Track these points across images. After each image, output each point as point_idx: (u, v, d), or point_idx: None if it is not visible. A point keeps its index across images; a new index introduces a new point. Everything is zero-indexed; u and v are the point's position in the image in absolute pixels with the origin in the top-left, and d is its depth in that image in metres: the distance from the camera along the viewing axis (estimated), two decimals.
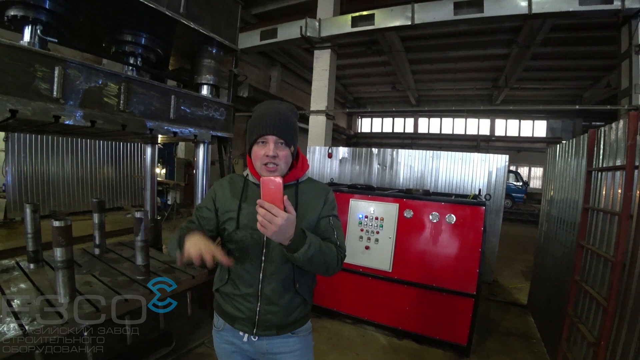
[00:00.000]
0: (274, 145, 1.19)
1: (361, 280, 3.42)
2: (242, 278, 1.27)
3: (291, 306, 1.29)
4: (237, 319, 1.29)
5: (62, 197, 7.73)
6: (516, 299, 4.57)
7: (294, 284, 1.28)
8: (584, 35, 10.63)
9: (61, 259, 2.02)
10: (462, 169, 5.06)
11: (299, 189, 1.30)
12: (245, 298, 1.27)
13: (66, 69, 1.92)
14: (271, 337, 1.28)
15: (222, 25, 2.92)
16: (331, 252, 1.18)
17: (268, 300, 1.25)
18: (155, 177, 3.75)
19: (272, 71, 15.98)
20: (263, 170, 1.22)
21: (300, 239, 1.06)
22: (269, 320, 1.26)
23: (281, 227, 0.98)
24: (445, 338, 3.11)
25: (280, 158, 1.20)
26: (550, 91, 17.01)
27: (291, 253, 1.07)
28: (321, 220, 1.28)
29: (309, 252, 1.07)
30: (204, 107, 2.83)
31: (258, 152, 1.21)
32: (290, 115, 1.25)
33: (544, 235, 4.00)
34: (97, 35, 2.78)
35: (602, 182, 2.42)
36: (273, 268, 1.25)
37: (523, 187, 15.43)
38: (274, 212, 0.97)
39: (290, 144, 1.23)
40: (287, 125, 1.22)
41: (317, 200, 1.30)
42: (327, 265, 1.16)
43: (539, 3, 5.51)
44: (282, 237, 1.02)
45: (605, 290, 2.19)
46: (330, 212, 1.31)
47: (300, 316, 1.33)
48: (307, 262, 1.10)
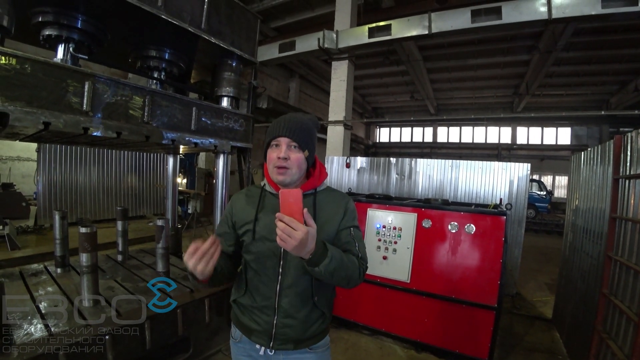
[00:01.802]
0: (285, 147, 1.18)
1: (379, 291, 3.38)
2: (258, 290, 1.24)
3: (309, 320, 1.25)
4: (254, 331, 1.26)
5: (88, 205, 8.03)
6: (541, 313, 4.40)
7: (312, 296, 1.24)
8: (609, 39, 10.32)
9: (86, 264, 2.11)
10: (482, 179, 4.95)
11: (317, 199, 1.26)
12: (262, 310, 1.24)
13: (95, 83, 2.03)
14: (288, 351, 1.24)
15: (241, 39, 3.01)
16: (353, 265, 1.14)
17: (285, 313, 1.22)
18: (176, 187, 3.86)
19: (290, 82, 16.25)
20: (274, 173, 1.20)
21: (322, 253, 1.03)
22: (286, 333, 1.22)
23: (301, 241, 0.94)
24: (466, 352, 3.02)
25: (292, 161, 1.18)
26: (575, 97, 16.52)
27: (312, 267, 1.04)
28: (342, 232, 1.24)
29: (330, 266, 1.04)
30: (224, 118, 2.91)
31: (271, 155, 1.21)
32: (306, 121, 1.24)
33: (569, 246, 3.85)
34: (124, 51, 2.92)
35: (630, 190, 2.33)
36: (290, 280, 1.21)
37: (547, 197, 14.90)
38: (294, 225, 0.94)
39: (303, 147, 1.20)
40: (300, 129, 1.20)
41: (337, 210, 1.26)
42: (349, 278, 1.13)
43: (559, 7, 5.40)
44: (302, 252, 0.98)
45: (636, 304, 2.09)
46: (351, 222, 1.27)
47: (318, 331, 1.28)
48: (328, 276, 1.06)
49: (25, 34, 2.34)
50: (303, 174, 1.26)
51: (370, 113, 22.33)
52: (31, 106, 1.77)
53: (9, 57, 1.68)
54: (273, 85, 14.99)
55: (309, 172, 1.30)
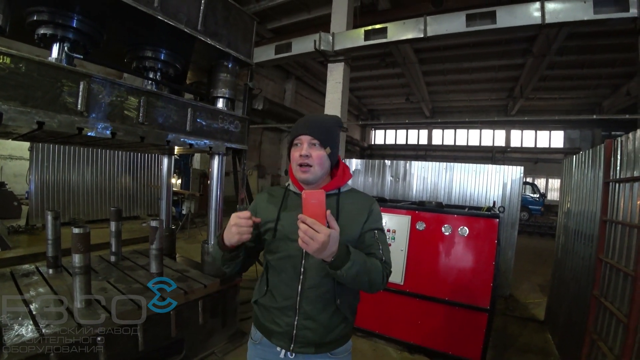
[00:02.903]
0: (307, 145, 1.18)
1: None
2: (279, 290, 1.23)
3: (331, 324, 1.22)
4: (275, 333, 1.23)
5: (81, 206, 7.96)
6: (534, 314, 4.44)
7: (334, 299, 1.20)
8: (601, 43, 10.46)
9: (79, 265, 2.09)
10: (476, 181, 4.99)
11: (340, 199, 1.24)
12: (282, 311, 1.22)
13: (90, 83, 2.02)
14: (309, 355, 1.22)
15: (238, 40, 3.01)
16: (376, 269, 1.12)
17: (306, 314, 1.19)
18: (171, 187, 3.84)
19: (287, 84, 16.28)
20: (298, 172, 1.20)
21: (344, 256, 1.01)
22: (307, 336, 1.20)
23: (323, 244, 0.93)
24: (459, 353, 3.04)
25: (314, 158, 1.17)
26: (568, 100, 16.72)
27: (334, 270, 1.02)
28: (366, 234, 1.21)
29: (353, 269, 1.02)
30: (219, 119, 2.91)
31: (294, 154, 1.21)
32: (327, 120, 1.25)
33: (561, 249, 3.89)
34: (119, 51, 2.91)
35: (620, 193, 2.36)
36: (312, 282, 1.19)
37: (540, 199, 15.04)
38: (316, 228, 0.93)
39: (325, 144, 1.19)
40: (322, 127, 1.20)
41: (361, 211, 1.23)
42: (372, 282, 1.10)
43: (552, 12, 5.47)
44: (324, 254, 0.96)
45: (626, 306, 2.12)
46: (376, 225, 1.24)
47: (340, 335, 1.25)
48: (350, 280, 1.05)
49: (20, 32, 2.32)
50: (326, 173, 1.25)
51: (365, 115, 22.40)
52: (25, 106, 1.76)
53: (3, 56, 1.67)
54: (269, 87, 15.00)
55: (332, 172, 1.29)
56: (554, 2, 5.45)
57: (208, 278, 2.92)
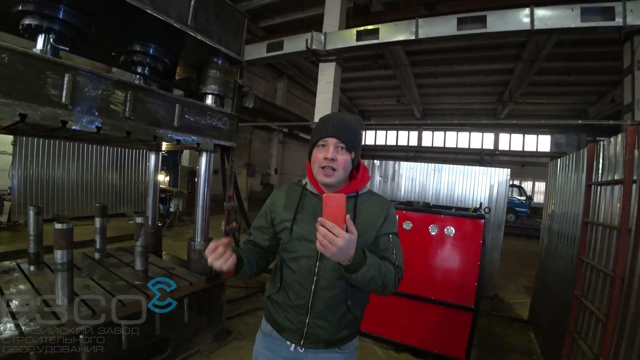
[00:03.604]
0: (333, 148, 1.16)
1: None
2: (293, 289, 1.24)
3: (342, 323, 1.25)
4: (286, 329, 1.26)
5: (66, 202, 7.81)
6: (519, 315, 4.51)
7: (346, 300, 1.23)
8: (589, 51, 10.69)
9: (61, 262, 2.06)
10: (464, 182, 5.06)
11: (358, 202, 1.24)
12: (295, 309, 1.23)
13: (75, 76, 1.98)
14: (318, 350, 1.25)
15: (228, 37, 2.99)
16: (390, 274, 1.13)
17: (318, 314, 1.21)
18: (158, 184, 3.80)
19: (278, 83, 16.23)
20: (320, 174, 1.19)
21: (361, 261, 1.02)
22: (318, 334, 1.23)
23: (342, 248, 0.93)
24: (444, 352, 3.07)
25: (339, 162, 1.16)
26: (556, 106, 17.03)
27: (349, 274, 1.03)
28: (381, 238, 1.23)
29: (368, 274, 1.03)
30: (207, 116, 2.88)
31: (317, 155, 1.19)
32: (354, 122, 1.22)
33: (545, 250, 3.97)
34: (107, 44, 2.86)
35: (601, 196, 2.42)
36: (325, 282, 1.20)
37: (527, 202, 15.32)
38: (336, 232, 0.92)
39: (350, 149, 1.18)
40: (349, 130, 1.18)
41: (378, 215, 1.24)
42: (385, 286, 1.12)
43: (541, 19, 5.57)
44: (341, 258, 0.97)
45: (605, 305, 2.17)
46: (391, 229, 1.25)
47: (350, 333, 1.29)
48: (364, 284, 1.06)
49: (5, 23, 2.26)
50: (347, 176, 1.25)
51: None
52: (8, 97, 1.72)
53: None
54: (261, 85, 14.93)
55: (351, 174, 1.28)
56: (543, 9, 5.56)
57: (194, 276, 2.90)
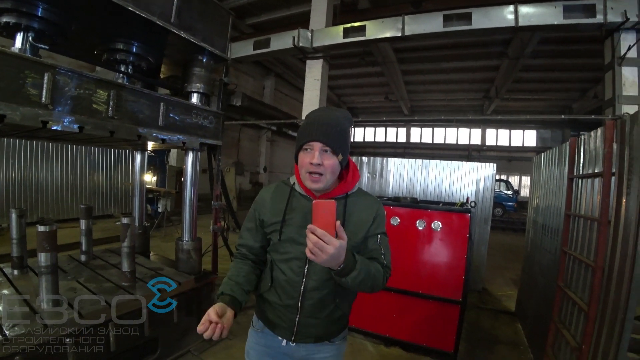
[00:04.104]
0: (318, 153, 1.12)
1: None
2: (283, 289, 1.24)
3: (331, 319, 1.28)
4: (277, 326, 1.28)
5: (50, 204, 7.65)
6: (506, 307, 4.60)
7: (334, 299, 1.25)
8: (572, 48, 10.88)
9: (45, 265, 2.02)
10: (451, 178, 5.12)
11: (348, 204, 1.23)
12: (286, 309, 1.25)
13: (55, 75, 1.94)
14: (309, 344, 1.28)
15: (213, 35, 2.96)
16: (379, 274, 1.15)
17: (308, 313, 1.23)
18: (144, 184, 3.75)
19: (266, 80, 16.12)
20: (307, 180, 1.17)
21: (351, 265, 1.03)
22: (308, 331, 1.26)
23: (332, 256, 0.93)
24: (433, 345, 3.12)
25: (325, 167, 1.14)
26: (541, 102, 17.33)
27: (340, 277, 1.04)
28: (369, 238, 1.24)
29: (358, 277, 1.05)
30: (193, 114, 2.86)
31: (303, 159, 1.16)
32: (341, 121, 1.18)
33: (530, 243, 4.05)
34: (89, 42, 2.80)
35: (582, 189, 2.48)
36: (315, 283, 1.21)
37: (514, 196, 15.58)
38: (326, 240, 0.92)
39: (337, 151, 1.15)
40: (334, 132, 1.14)
41: (367, 216, 1.24)
42: (373, 286, 1.14)
43: (525, 16, 5.65)
44: (331, 264, 0.98)
45: (587, 295, 2.23)
46: (380, 229, 1.26)
47: (339, 327, 1.33)
48: (354, 286, 1.08)
49: None
50: (336, 178, 1.23)
51: None
52: None
53: None
54: (248, 83, 14.81)
55: (341, 173, 1.26)
56: (526, 6, 5.64)
57: (183, 276, 2.88)
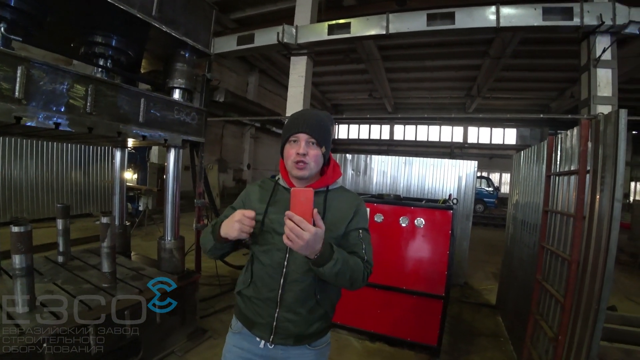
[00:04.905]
0: (304, 144, 1.19)
1: None
2: (263, 281, 1.25)
3: (312, 317, 1.26)
4: (256, 324, 1.26)
5: (25, 203, 7.36)
6: (486, 300, 4.72)
7: (315, 294, 1.24)
8: (550, 49, 11.22)
9: (20, 267, 1.94)
10: (434, 175, 5.21)
11: (328, 197, 1.27)
12: (265, 302, 1.24)
13: (29, 69, 1.86)
14: (287, 346, 1.25)
15: (196, 29, 2.90)
16: (358, 268, 1.15)
17: (288, 307, 1.22)
18: (124, 182, 3.65)
19: (250, 77, 15.95)
20: (293, 169, 1.21)
21: (328, 255, 1.04)
22: (288, 328, 1.23)
23: (308, 242, 0.95)
24: (417, 339, 3.17)
25: (310, 157, 1.20)
26: (521, 101, 17.78)
27: (316, 267, 1.05)
28: (351, 233, 1.25)
29: (335, 268, 1.05)
30: (175, 111, 2.79)
31: (289, 150, 1.22)
32: (324, 118, 1.26)
33: (510, 238, 4.16)
34: (65, 35, 2.69)
35: (559, 186, 2.57)
36: (295, 275, 1.22)
37: (494, 193, 15.98)
38: (303, 226, 0.94)
39: (321, 144, 1.22)
40: (319, 126, 1.22)
41: (347, 210, 1.27)
42: (353, 280, 1.14)
43: (506, 17, 5.78)
44: (308, 252, 0.99)
45: (563, 288, 2.31)
46: (361, 224, 1.28)
47: (320, 329, 1.30)
48: (332, 277, 1.08)
49: None
50: (319, 170, 1.28)
51: (329, 110, 22.49)
52: None
53: None
54: (232, 79, 14.61)
55: (323, 169, 1.31)
56: (508, 7, 5.77)
57: (165, 275, 2.82)
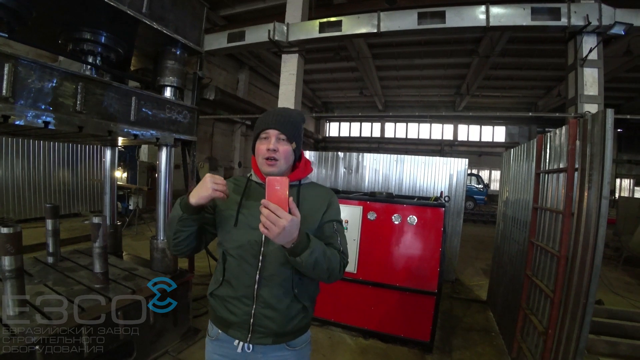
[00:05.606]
0: (274, 140, 1.20)
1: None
2: (238, 278, 1.21)
3: (290, 313, 1.23)
4: (232, 324, 1.22)
5: (11, 203, 7.20)
6: (477, 296, 4.79)
7: (292, 288, 1.22)
8: (538, 48, 11.43)
9: (9, 268, 1.91)
10: (425, 172, 5.25)
11: (301, 191, 1.28)
12: (240, 300, 1.21)
13: (17, 66, 1.81)
14: (266, 346, 1.22)
15: (186, 26, 2.87)
16: (334, 259, 1.15)
17: (265, 303, 1.19)
18: (115, 181, 3.60)
19: (240, 74, 15.82)
20: (264, 165, 1.22)
21: (304, 244, 1.04)
22: (266, 325, 1.20)
23: (285, 229, 0.95)
24: (410, 335, 3.21)
25: (280, 153, 1.20)
26: (509, 99, 18.06)
27: (293, 257, 1.04)
28: (325, 225, 1.25)
29: (312, 257, 1.05)
30: (166, 109, 2.76)
31: (260, 147, 1.22)
32: (294, 114, 1.28)
33: (500, 234, 4.23)
34: (52, 31, 2.63)
35: (548, 183, 2.62)
36: (271, 270, 1.20)
37: (484, 190, 16.19)
38: (279, 213, 0.94)
39: (291, 140, 1.23)
40: (289, 122, 1.23)
41: (321, 204, 1.27)
42: (330, 271, 1.14)
43: (495, 16, 5.85)
44: (285, 240, 0.99)
45: (552, 282, 2.36)
46: (335, 216, 1.28)
47: (299, 326, 1.27)
48: (309, 267, 1.07)
49: None
50: (290, 166, 1.28)
51: (320, 107, 22.50)
52: None
53: None
54: (221, 76, 14.48)
55: (295, 165, 1.32)
56: (497, 7, 5.84)
57: (157, 275, 2.80)
